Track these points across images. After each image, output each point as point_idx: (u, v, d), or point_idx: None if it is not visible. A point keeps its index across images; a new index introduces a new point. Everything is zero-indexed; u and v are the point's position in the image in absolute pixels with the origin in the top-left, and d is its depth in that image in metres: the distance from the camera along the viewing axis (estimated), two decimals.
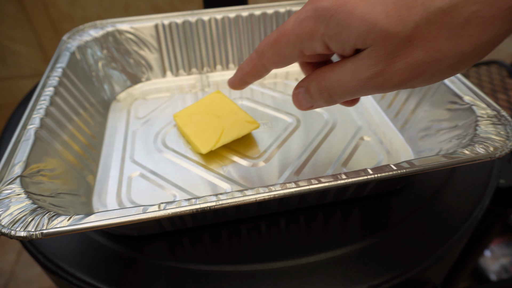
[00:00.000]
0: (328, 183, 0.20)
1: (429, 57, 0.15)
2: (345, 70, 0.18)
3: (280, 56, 0.20)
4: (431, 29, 0.15)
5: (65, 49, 0.35)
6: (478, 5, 0.14)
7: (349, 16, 0.16)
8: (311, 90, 0.20)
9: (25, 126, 0.25)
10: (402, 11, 0.15)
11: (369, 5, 0.15)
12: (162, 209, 0.19)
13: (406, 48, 0.15)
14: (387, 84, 0.17)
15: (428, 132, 0.29)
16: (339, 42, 0.17)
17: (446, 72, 0.16)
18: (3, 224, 0.19)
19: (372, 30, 0.15)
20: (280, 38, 0.20)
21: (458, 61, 0.16)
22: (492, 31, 0.14)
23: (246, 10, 0.40)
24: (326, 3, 0.17)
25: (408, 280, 0.23)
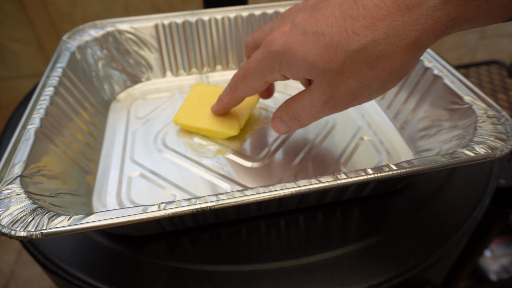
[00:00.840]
0: (328, 183, 0.20)
1: (360, 83, 0.20)
2: (305, 100, 0.23)
3: (251, 87, 0.26)
4: (354, 64, 0.19)
5: (65, 49, 0.35)
6: (382, 45, 0.18)
7: (294, 57, 0.21)
8: (284, 119, 0.25)
9: (25, 126, 0.25)
10: (331, 53, 0.19)
11: (306, 49, 0.20)
12: (162, 209, 0.19)
13: (341, 79, 0.20)
14: (338, 106, 0.21)
15: (428, 132, 0.29)
16: (292, 74, 0.22)
17: (377, 92, 0.21)
18: (3, 224, 0.19)
19: (312, 67, 0.20)
20: (247, 74, 0.25)
21: (383, 83, 0.20)
22: (399, 62, 0.19)
23: (246, 10, 0.40)
24: (276, 48, 0.22)
25: (408, 280, 0.23)
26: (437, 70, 0.30)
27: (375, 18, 0.18)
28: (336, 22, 0.19)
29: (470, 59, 1.11)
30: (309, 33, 0.20)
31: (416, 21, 0.17)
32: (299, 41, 0.20)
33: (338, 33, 0.19)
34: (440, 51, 1.06)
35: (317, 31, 0.20)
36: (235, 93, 0.27)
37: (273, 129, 0.27)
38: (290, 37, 0.21)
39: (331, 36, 0.19)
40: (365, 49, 0.18)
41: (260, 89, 0.26)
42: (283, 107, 0.25)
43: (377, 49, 0.18)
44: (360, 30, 0.18)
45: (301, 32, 0.20)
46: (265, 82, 0.24)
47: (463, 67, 0.76)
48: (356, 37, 0.18)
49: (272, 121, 0.27)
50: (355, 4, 0.19)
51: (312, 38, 0.20)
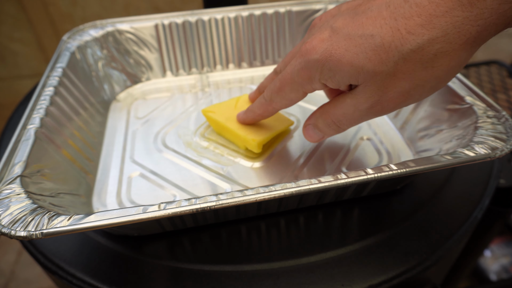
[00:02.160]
0: (328, 183, 0.20)
1: (413, 84, 0.19)
2: (346, 105, 0.22)
3: (287, 99, 0.24)
4: (408, 65, 0.18)
5: (65, 49, 0.35)
6: (440, 44, 0.17)
7: (338, 63, 0.20)
8: (320, 126, 0.24)
9: (25, 126, 0.25)
10: (382, 55, 0.18)
11: (353, 54, 0.19)
12: (162, 209, 0.19)
13: (393, 81, 0.19)
14: (385, 109, 0.21)
15: (428, 132, 0.29)
16: (335, 81, 0.21)
17: (430, 92, 0.20)
18: (3, 224, 0.19)
19: (361, 71, 0.19)
20: (283, 86, 0.24)
21: (437, 83, 0.19)
22: (457, 59, 0.18)
23: (246, 10, 0.40)
24: (315, 56, 0.20)
25: (408, 280, 0.23)
26: None
27: (432, 15, 0.17)
28: (386, 23, 0.18)
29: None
30: (355, 37, 0.19)
31: (479, 15, 0.16)
32: (343, 46, 0.19)
33: (389, 34, 0.18)
34: None
35: (364, 34, 0.19)
36: (269, 106, 0.26)
37: (305, 137, 0.25)
38: (332, 43, 0.20)
39: (381, 37, 0.18)
40: (421, 48, 0.17)
41: (297, 101, 0.25)
42: (318, 113, 0.24)
43: (435, 48, 0.17)
44: (415, 29, 0.17)
45: (345, 36, 0.19)
46: (303, 93, 0.23)
47: None
48: (411, 36, 0.17)
49: (304, 129, 0.25)
50: (406, 3, 0.18)
51: (359, 42, 0.19)
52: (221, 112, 0.32)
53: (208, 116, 0.32)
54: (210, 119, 0.32)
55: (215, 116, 0.32)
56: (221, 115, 0.32)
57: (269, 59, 0.43)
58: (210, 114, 0.32)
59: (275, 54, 0.43)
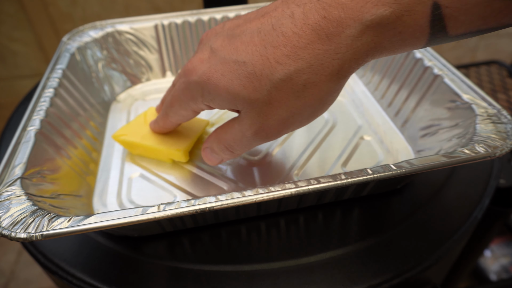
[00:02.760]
0: (327, 184, 0.20)
1: (290, 112, 0.19)
2: (235, 130, 0.21)
3: (180, 115, 0.24)
4: (281, 94, 0.18)
5: (65, 50, 0.35)
6: (306, 75, 0.18)
7: (216, 88, 0.19)
8: (215, 149, 0.24)
9: (25, 128, 0.25)
10: (255, 83, 0.18)
11: (229, 80, 0.19)
12: (162, 210, 0.19)
13: (270, 109, 0.19)
14: (270, 135, 0.20)
15: (428, 131, 0.29)
16: (217, 104, 0.21)
17: (309, 119, 0.20)
18: (4, 226, 0.19)
19: (237, 98, 0.19)
20: (174, 103, 0.24)
21: (313, 110, 0.19)
22: (326, 89, 0.18)
23: (246, 10, 0.40)
24: (195, 78, 0.20)
25: (408, 280, 0.23)
26: (437, 69, 0.30)
27: (296, 47, 0.17)
28: (257, 50, 0.18)
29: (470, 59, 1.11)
30: (229, 62, 0.19)
31: (337, 49, 0.17)
32: (219, 70, 0.19)
33: (260, 62, 0.18)
34: (440, 51, 1.06)
35: (237, 60, 0.19)
36: (167, 119, 0.26)
37: (205, 160, 0.25)
38: (210, 66, 0.20)
39: (253, 65, 0.18)
40: (290, 78, 0.18)
41: (189, 117, 0.25)
42: (213, 137, 0.24)
43: (302, 78, 0.18)
44: (282, 59, 0.18)
45: (221, 60, 0.19)
46: (192, 111, 0.23)
47: (463, 67, 0.76)
48: (279, 66, 0.18)
49: (203, 152, 0.25)
50: (274, 31, 0.18)
51: (233, 67, 0.19)
52: (133, 132, 0.30)
53: (121, 140, 0.30)
54: (125, 143, 0.30)
55: (128, 138, 0.29)
56: (134, 136, 0.30)
57: None
58: (123, 137, 0.30)
59: None
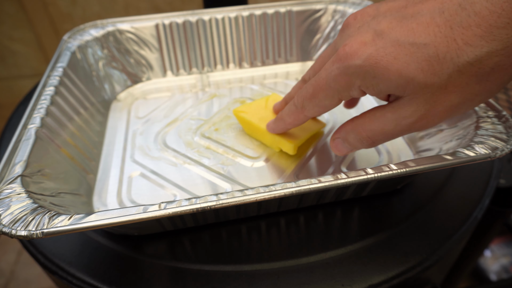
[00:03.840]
0: (328, 183, 0.20)
1: (464, 98, 0.18)
2: (386, 119, 0.20)
3: (321, 106, 0.23)
4: (462, 78, 0.17)
5: (66, 49, 0.35)
6: (499, 57, 0.16)
7: (385, 71, 0.18)
8: (350, 140, 0.22)
9: (26, 126, 0.25)
10: (435, 66, 0.17)
11: (404, 63, 0.18)
12: (162, 208, 0.19)
13: (443, 94, 0.18)
14: (429, 124, 0.19)
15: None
16: (376, 90, 0.19)
17: (477, 105, 0.19)
18: (4, 223, 0.19)
19: (411, 82, 0.18)
20: (317, 93, 0.22)
21: (487, 96, 0.18)
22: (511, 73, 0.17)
23: (247, 10, 0.40)
24: (358, 61, 0.19)
25: (408, 280, 0.23)
26: None
27: (493, 27, 0.16)
28: (440, 31, 0.17)
29: None
30: (405, 44, 0.18)
31: None
32: (391, 53, 0.18)
33: (444, 44, 0.17)
34: None
35: (415, 42, 0.17)
36: (301, 114, 0.24)
37: (333, 150, 0.24)
38: (377, 49, 0.18)
39: (435, 47, 0.17)
40: (479, 61, 0.16)
41: (331, 108, 0.23)
42: (350, 127, 0.22)
43: (493, 61, 0.16)
44: (474, 40, 0.16)
45: (392, 42, 0.18)
46: (339, 100, 0.22)
47: None
48: (469, 47, 0.16)
49: (332, 142, 0.24)
50: (463, 11, 0.16)
51: (410, 50, 0.17)
52: (253, 113, 0.31)
53: (240, 116, 0.32)
54: (242, 120, 0.32)
55: (247, 116, 0.31)
56: (253, 116, 0.31)
57: (270, 59, 0.43)
58: (243, 114, 0.31)
59: (275, 54, 0.43)
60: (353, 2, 0.41)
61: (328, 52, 0.24)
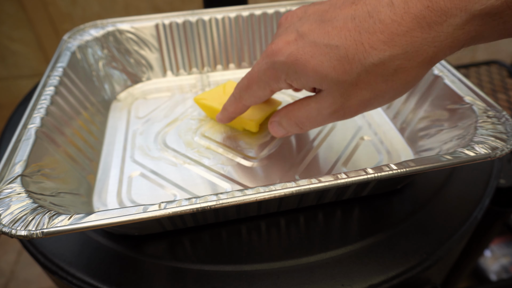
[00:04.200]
0: (328, 183, 0.20)
1: (373, 94, 0.20)
2: (311, 108, 0.23)
3: (255, 96, 0.25)
4: (370, 77, 0.19)
5: (66, 49, 0.35)
6: (400, 60, 0.18)
7: (304, 68, 0.20)
8: (283, 124, 0.26)
9: (26, 126, 0.25)
10: (345, 65, 0.19)
11: (319, 61, 0.20)
12: (162, 208, 0.19)
13: (355, 90, 0.20)
14: (347, 115, 0.22)
15: (428, 132, 0.29)
16: (299, 83, 0.22)
17: (388, 101, 0.21)
18: (4, 223, 0.19)
19: (325, 79, 0.20)
20: (251, 84, 0.25)
21: (395, 93, 0.21)
22: (414, 75, 0.19)
23: (247, 10, 0.40)
24: (281, 58, 0.21)
25: (408, 280, 0.23)
26: (437, 70, 0.30)
27: (394, 34, 0.18)
28: (351, 35, 0.19)
29: (470, 59, 1.11)
30: (320, 45, 0.20)
31: (436, 38, 0.18)
32: (309, 52, 0.20)
33: (353, 46, 0.19)
34: None
35: (329, 44, 0.19)
36: (239, 103, 0.27)
37: (271, 131, 0.27)
38: (298, 48, 0.21)
39: (345, 49, 0.19)
40: (382, 63, 0.19)
41: (265, 98, 0.25)
42: (283, 113, 0.25)
43: (395, 64, 0.19)
44: (378, 45, 0.18)
45: (310, 43, 0.20)
46: (270, 91, 0.24)
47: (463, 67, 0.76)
48: (373, 51, 0.18)
49: (269, 125, 0.27)
50: (370, 18, 0.18)
51: (324, 50, 0.20)
52: (213, 98, 0.33)
53: (201, 103, 0.34)
54: (204, 106, 0.34)
55: (208, 102, 0.33)
56: (213, 101, 0.33)
57: None
58: (203, 101, 0.33)
59: None
60: None
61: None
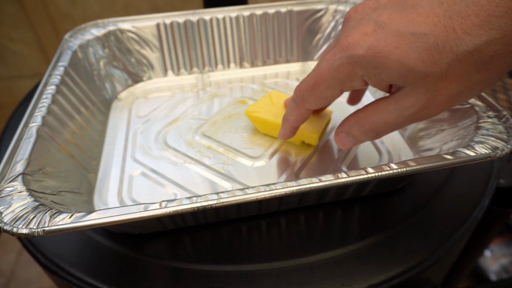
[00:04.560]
0: (328, 182, 0.21)
1: (464, 87, 0.18)
2: (389, 111, 0.20)
3: (322, 98, 0.22)
4: (462, 67, 0.17)
5: (67, 48, 0.35)
6: (497, 46, 0.16)
7: (387, 61, 0.18)
8: (354, 133, 0.23)
9: (27, 124, 0.25)
10: (435, 55, 0.17)
11: (404, 52, 0.18)
12: (163, 207, 0.19)
13: (443, 83, 0.18)
14: (431, 113, 0.20)
15: (428, 131, 0.29)
16: (378, 80, 0.20)
17: (477, 94, 0.19)
18: (6, 221, 0.19)
19: (412, 72, 0.18)
20: (319, 84, 0.22)
21: (486, 85, 0.19)
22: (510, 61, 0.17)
23: (248, 10, 0.40)
24: (360, 51, 0.19)
25: (408, 280, 0.23)
26: None
27: (491, 16, 0.16)
28: (440, 21, 0.17)
29: None
30: (405, 34, 0.18)
31: None
32: (392, 43, 0.18)
33: (444, 33, 0.17)
34: None
35: (415, 32, 0.18)
36: (302, 107, 0.24)
37: (338, 144, 0.24)
38: (379, 39, 0.18)
39: (435, 37, 0.17)
40: (478, 50, 0.17)
41: (331, 101, 0.23)
42: (354, 121, 0.22)
43: (492, 50, 0.17)
44: (473, 29, 0.16)
45: (393, 33, 0.18)
46: (340, 91, 0.22)
47: None
48: (467, 37, 0.17)
49: (336, 136, 0.24)
50: (462, 1, 0.17)
51: (410, 40, 0.18)
52: (265, 111, 0.31)
53: (254, 116, 0.31)
54: (257, 119, 0.32)
55: (262, 115, 0.31)
56: (267, 114, 0.31)
57: (270, 58, 0.43)
58: (257, 114, 0.31)
59: (276, 54, 0.43)
60: (354, 2, 0.41)
61: (331, 48, 0.24)
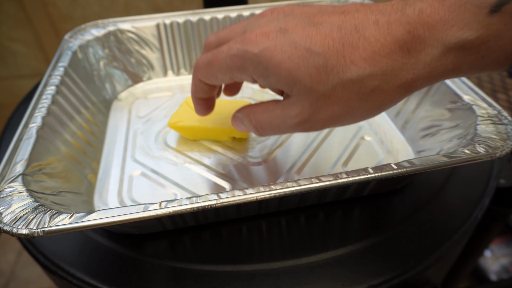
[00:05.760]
0: (328, 182, 0.21)
1: (345, 111, 0.19)
2: (275, 115, 0.21)
3: (213, 76, 0.23)
4: (345, 92, 0.19)
5: (67, 48, 0.35)
6: (378, 81, 0.18)
7: (277, 67, 0.19)
8: (244, 123, 0.24)
9: (27, 125, 0.25)
10: (322, 75, 0.18)
11: (295, 64, 0.19)
12: (163, 207, 0.19)
13: (326, 103, 0.19)
14: (312, 128, 0.21)
15: (428, 131, 0.29)
16: (267, 82, 0.20)
17: (357, 120, 0.21)
18: (5, 221, 0.19)
19: (298, 84, 0.19)
20: (213, 63, 0.22)
21: (367, 114, 0.20)
22: (390, 98, 0.19)
23: (248, 10, 0.40)
24: (255, 50, 0.20)
25: (408, 280, 0.23)
26: None
27: (376, 53, 0.18)
28: (334, 45, 0.18)
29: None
30: (301, 48, 0.19)
31: (415, 65, 0.18)
32: (286, 52, 0.19)
33: (334, 57, 0.18)
34: None
35: (310, 48, 0.19)
36: (196, 78, 0.24)
37: (233, 125, 0.25)
38: (276, 44, 0.19)
39: (326, 59, 0.18)
40: (360, 80, 0.18)
41: (222, 82, 0.23)
42: (246, 112, 0.23)
43: (373, 84, 0.18)
44: (359, 61, 0.18)
45: (291, 43, 0.19)
46: (230, 78, 0.22)
47: None
48: (353, 66, 0.18)
49: (232, 119, 0.25)
50: (356, 32, 0.18)
51: (304, 54, 0.19)
52: (188, 118, 0.31)
53: (178, 126, 0.31)
54: (182, 129, 0.31)
55: (186, 123, 0.31)
56: (191, 120, 0.31)
57: None
58: (181, 123, 0.31)
59: None
60: (353, 2, 0.41)
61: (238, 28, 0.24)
